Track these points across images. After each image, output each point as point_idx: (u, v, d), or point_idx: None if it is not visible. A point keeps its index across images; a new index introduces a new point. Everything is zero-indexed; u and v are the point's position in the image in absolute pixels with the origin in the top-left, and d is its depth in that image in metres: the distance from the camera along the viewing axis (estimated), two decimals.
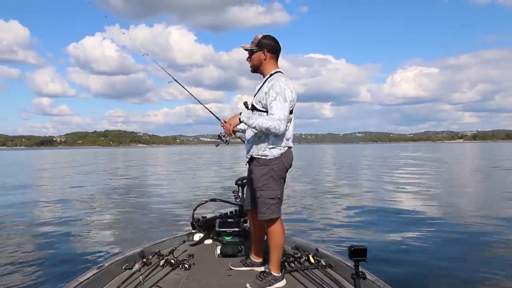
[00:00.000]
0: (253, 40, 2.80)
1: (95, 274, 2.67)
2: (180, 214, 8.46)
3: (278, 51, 2.82)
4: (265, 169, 2.66)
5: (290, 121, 2.71)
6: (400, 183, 13.91)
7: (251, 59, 2.81)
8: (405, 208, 8.68)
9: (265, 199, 2.66)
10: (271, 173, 2.66)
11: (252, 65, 2.82)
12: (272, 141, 2.66)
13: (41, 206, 10.26)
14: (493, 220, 7.36)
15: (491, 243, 5.79)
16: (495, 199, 10.44)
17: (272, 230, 2.69)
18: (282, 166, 2.69)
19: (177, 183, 15.19)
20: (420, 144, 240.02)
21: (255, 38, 2.79)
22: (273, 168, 2.66)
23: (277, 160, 2.67)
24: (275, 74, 2.76)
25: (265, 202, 2.66)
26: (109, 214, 8.77)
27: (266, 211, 2.66)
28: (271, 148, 2.66)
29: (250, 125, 2.60)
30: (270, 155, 2.66)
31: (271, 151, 2.66)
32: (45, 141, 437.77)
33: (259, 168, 2.68)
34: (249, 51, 2.81)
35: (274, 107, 2.56)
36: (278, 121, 2.52)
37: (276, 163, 2.67)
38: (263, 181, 2.66)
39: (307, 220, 7.59)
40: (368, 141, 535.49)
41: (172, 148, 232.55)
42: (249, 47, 2.80)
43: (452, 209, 8.43)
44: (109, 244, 6.03)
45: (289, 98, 2.60)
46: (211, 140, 3.18)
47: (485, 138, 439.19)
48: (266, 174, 2.66)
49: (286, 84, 2.64)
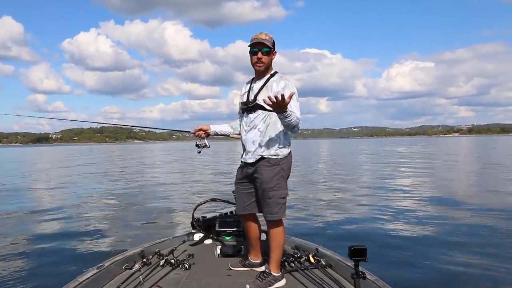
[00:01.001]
0: (267, 39, 2.69)
1: (95, 274, 2.67)
2: (180, 214, 8.43)
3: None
4: (276, 169, 2.68)
5: None
6: (401, 181, 13.80)
7: (265, 58, 2.71)
8: (405, 207, 8.60)
9: (277, 199, 2.67)
10: (282, 173, 2.69)
11: (264, 64, 2.72)
12: (282, 141, 2.70)
13: (40, 206, 10.21)
14: (494, 219, 7.28)
15: (491, 242, 5.76)
16: (497, 196, 10.32)
17: (276, 230, 2.72)
18: (289, 165, 2.75)
19: (177, 182, 15.13)
20: (416, 138, 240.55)
21: (269, 37, 2.70)
22: (283, 168, 2.70)
23: (286, 159, 2.72)
24: (276, 74, 2.77)
25: (278, 202, 2.67)
26: (108, 214, 8.72)
27: (279, 211, 2.67)
28: (281, 147, 2.70)
29: (289, 118, 2.43)
30: (281, 155, 2.69)
31: (281, 151, 2.70)
32: (41, 138, 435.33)
33: (270, 169, 2.67)
34: (267, 49, 2.69)
35: (293, 107, 2.51)
36: (298, 120, 2.55)
37: (285, 162, 2.72)
38: (275, 181, 2.67)
39: (307, 220, 7.56)
40: (364, 135, 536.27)
41: (169, 144, 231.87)
42: (269, 44, 2.70)
43: (452, 209, 8.37)
44: (109, 244, 6.02)
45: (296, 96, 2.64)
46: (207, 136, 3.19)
47: (480, 132, 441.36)
48: (278, 174, 2.68)
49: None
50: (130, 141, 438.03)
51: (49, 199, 11.73)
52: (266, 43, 2.68)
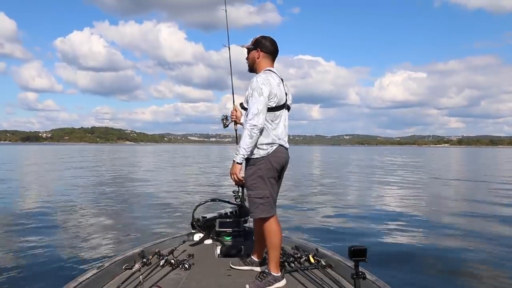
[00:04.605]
0: (252, 40, 2.90)
1: (95, 274, 2.67)
2: (180, 214, 8.41)
3: (274, 52, 2.87)
4: (252, 169, 2.70)
5: (278, 118, 2.74)
6: (399, 185, 13.86)
7: (247, 58, 2.92)
8: (405, 208, 8.69)
9: (253, 198, 2.70)
10: (259, 173, 2.68)
11: (248, 63, 2.92)
12: (260, 142, 2.69)
13: (40, 206, 10.06)
14: (491, 221, 7.46)
15: (490, 242, 5.87)
16: (490, 201, 10.57)
17: (266, 230, 2.71)
18: (270, 166, 2.69)
19: (177, 183, 15.06)
20: (407, 148, 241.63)
21: (254, 38, 2.89)
22: (261, 168, 2.68)
23: (264, 159, 2.69)
24: (259, 74, 2.79)
25: (253, 201, 2.70)
26: (108, 214, 8.67)
27: (255, 210, 2.70)
28: (258, 148, 2.70)
29: (245, 152, 2.64)
30: (256, 155, 2.70)
31: (257, 151, 2.70)
32: (31, 136, 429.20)
33: (248, 168, 2.74)
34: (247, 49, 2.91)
35: (249, 103, 2.66)
36: (251, 116, 2.60)
37: (263, 163, 2.68)
38: (251, 181, 2.70)
39: (307, 220, 7.60)
40: (355, 143, 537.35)
41: (163, 146, 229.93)
42: (246, 45, 2.90)
43: (452, 210, 8.47)
44: (109, 244, 5.99)
45: (266, 93, 2.63)
46: (199, 139, 3.32)
47: (470, 143, 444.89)
48: (254, 174, 2.69)
49: (265, 80, 2.68)
50: (121, 142, 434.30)
51: (49, 199, 11.55)
52: (244, 46, 2.92)
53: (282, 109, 2.77)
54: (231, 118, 3.38)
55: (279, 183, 2.88)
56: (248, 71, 2.96)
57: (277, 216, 2.77)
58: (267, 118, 2.69)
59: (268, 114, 2.69)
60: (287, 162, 2.85)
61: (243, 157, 2.68)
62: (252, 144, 2.65)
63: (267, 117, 2.68)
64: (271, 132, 2.71)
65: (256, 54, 2.85)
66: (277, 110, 2.72)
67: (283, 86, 2.82)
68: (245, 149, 2.64)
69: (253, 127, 2.61)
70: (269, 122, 2.71)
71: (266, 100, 2.64)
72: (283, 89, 2.79)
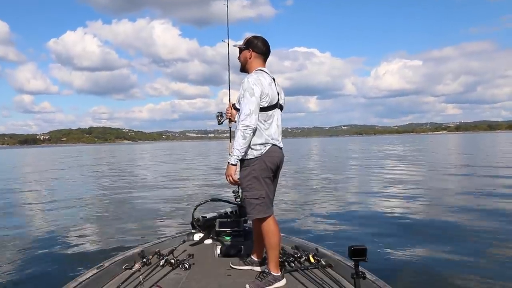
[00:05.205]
0: (244, 39, 2.89)
1: (95, 274, 2.68)
2: (180, 214, 8.38)
3: (265, 53, 2.87)
4: (247, 170, 2.70)
5: (271, 118, 2.73)
6: (399, 182, 13.71)
7: (239, 57, 2.92)
8: (405, 208, 8.54)
9: (249, 199, 2.70)
10: (253, 173, 2.68)
11: (240, 63, 2.93)
12: (253, 142, 2.69)
13: (39, 206, 10.11)
14: (492, 219, 7.23)
15: (490, 242, 5.74)
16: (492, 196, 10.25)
17: (264, 230, 2.71)
18: (264, 166, 2.69)
19: (177, 182, 15.06)
20: (406, 136, 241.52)
21: (245, 37, 2.88)
22: (255, 169, 2.68)
23: (258, 160, 2.68)
24: (253, 72, 2.80)
25: (250, 202, 2.69)
26: (108, 214, 8.68)
27: (252, 211, 2.69)
28: (252, 149, 2.69)
29: (239, 153, 2.64)
30: (250, 155, 2.70)
31: (251, 152, 2.69)
32: (28, 139, 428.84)
33: (242, 169, 2.74)
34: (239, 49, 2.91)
35: (241, 104, 2.66)
36: (244, 116, 2.60)
37: (257, 163, 2.68)
38: (246, 182, 2.70)
39: (307, 220, 7.56)
40: (354, 133, 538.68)
41: (161, 144, 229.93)
42: (238, 45, 2.90)
43: (451, 209, 8.33)
44: (109, 244, 5.99)
45: (258, 93, 2.63)
46: (197, 136, 3.32)
47: (467, 129, 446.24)
48: (249, 175, 2.69)
49: (256, 80, 2.67)
50: (120, 141, 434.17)
51: (49, 199, 11.59)
52: (236, 45, 2.93)
53: (275, 109, 2.76)
54: (226, 115, 3.37)
55: (275, 183, 2.88)
56: (240, 70, 2.97)
57: (274, 216, 2.77)
58: (260, 118, 2.68)
59: (261, 114, 2.68)
60: (281, 161, 2.84)
61: (237, 158, 2.67)
62: (245, 144, 2.64)
63: (260, 117, 2.67)
64: (264, 132, 2.71)
65: (248, 54, 2.84)
66: (269, 110, 2.71)
67: (275, 85, 2.80)
68: (239, 150, 2.63)
69: (246, 128, 2.60)
70: (262, 122, 2.70)
71: (258, 100, 2.63)
72: (275, 88, 2.77)
